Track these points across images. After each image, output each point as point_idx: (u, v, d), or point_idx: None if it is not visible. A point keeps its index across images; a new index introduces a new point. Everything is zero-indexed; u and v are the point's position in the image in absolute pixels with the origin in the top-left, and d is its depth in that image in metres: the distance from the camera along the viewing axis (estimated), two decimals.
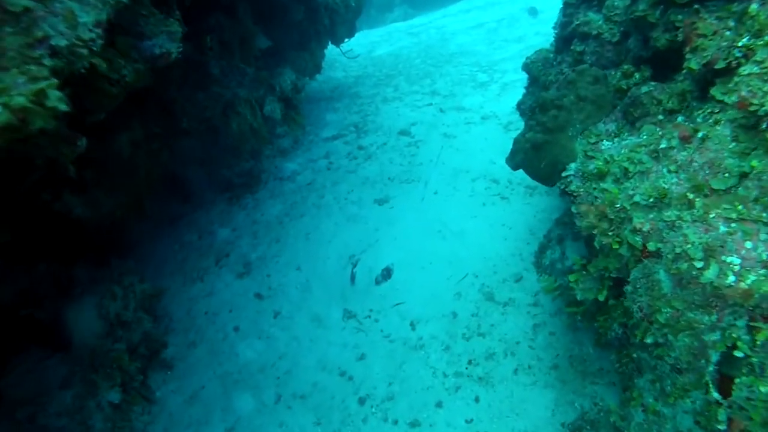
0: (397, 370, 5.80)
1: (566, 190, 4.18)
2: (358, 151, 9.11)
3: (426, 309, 6.32)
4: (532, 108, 5.78)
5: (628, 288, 3.38)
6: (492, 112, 9.16)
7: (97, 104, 3.83)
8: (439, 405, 5.40)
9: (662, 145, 3.49)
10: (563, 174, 4.23)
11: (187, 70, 7.19)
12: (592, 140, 4.24)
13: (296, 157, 9.27)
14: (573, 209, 4.09)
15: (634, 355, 4.24)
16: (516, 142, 4.76)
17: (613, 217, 3.52)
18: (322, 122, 10.07)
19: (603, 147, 4.20)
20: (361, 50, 14.73)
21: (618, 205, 3.52)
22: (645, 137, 3.94)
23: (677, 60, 4.19)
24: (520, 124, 8.64)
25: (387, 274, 6.73)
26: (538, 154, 4.36)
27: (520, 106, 6.10)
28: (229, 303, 6.96)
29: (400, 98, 10.34)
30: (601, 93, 4.30)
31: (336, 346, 6.19)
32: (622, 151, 3.99)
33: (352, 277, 6.80)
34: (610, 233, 3.51)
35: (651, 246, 3.16)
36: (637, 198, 3.40)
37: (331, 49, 11.21)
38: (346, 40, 10.80)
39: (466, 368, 5.64)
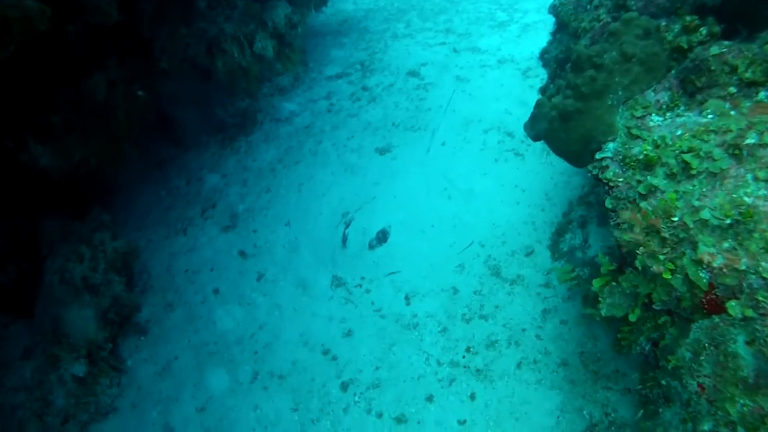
0: (386, 352, 4.87)
1: (600, 176, 3.06)
2: (362, 93, 7.89)
3: (424, 281, 5.32)
4: (559, 60, 4.56)
5: (685, 353, 2.33)
6: (510, 55, 7.82)
7: None
8: (429, 399, 4.50)
9: (749, 140, 2.33)
10: (597, 155, 3.09)
11: (167, 1, 5.97)
12: (638, 113, 3.07)
13: (296, 97, 8.08)
14: (607, 203, 2.98)
15: (663, 382, 3.24)
16: (539, 105, 3.58)
17: (668, 235, 2.41)
18: (326, 58, 8.79)
19: (651, 123, 3.04)
20: None
21: (676, 219, 2.40)
22: (711, 116, 2.77)
23: (759, 11, 2.96)
24: (540, 71, 7.33)
25: (383, 237, 5.70)
26: (566, 126, 3.20)
27: (543, 56, 4.86)
28: (211, 261, 6.01)
29: (412, 35, 8.97)
30: (653, 51, 3.09)
31: (321, 318, 5.25)
32: (680, 134, 2.83)
33: (344, 239, 5.78)
34: (661, 257, 2.41)
35: (734, 310, 2.07)
36: (705, 214, 2.28)
37: None
38: None
39: (464, 357, 4.69)
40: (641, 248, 2.50)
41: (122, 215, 6.83)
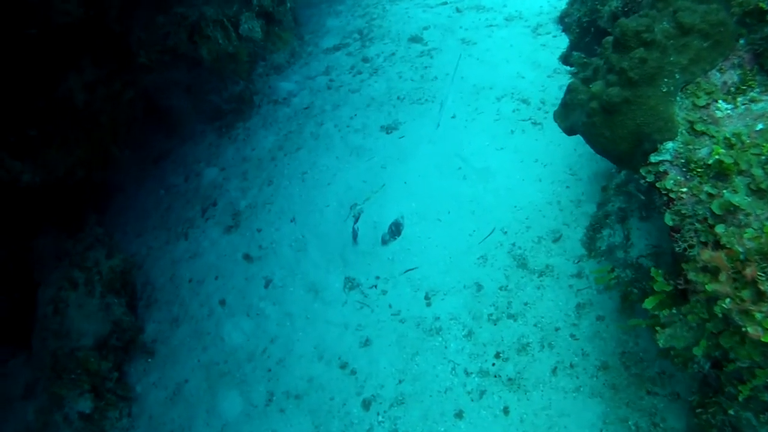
0: (409, 362, 4.30)
1: (657, 185, 2.36)
2: (363, 65, 7.09)
3: (444, 277, 4.70)
4: (583, 24, 3.77)
5: None
6: (517, 11, 6.92)
7: None
8: (459, 415, 3.94)
9: None
10: (653, 158, 2.38)
11: None
12: (701, 101, 2.34)
13: (292, 75, 7.30)
14: (667, 220, 2.30)
15: (731, 411, 2.66)
16: (571, 90, 2.83)
17: (766, 289, 1.74)
18: (322, 29, 7.95)
19: (719, 113, 2.31)
20: None
21: None
22: None
23: None
24: (551, 27, 6.50)
25: (396, 230, 5.06)
26: (611, 120, 2.48)
27: (563, 19, 4.07)
28: (215, 267, 5.42)
29: None
30: (718, 19, 2.33)
31: (336, 326, 4.68)
32: (761, 128, 2.11)
33: (354, 235, 5.15)
34: (758, 315, 1.75)
35: None
36: None
37: None
38: None
39: (494, 364, 4.11)
40: (728, 300, 1.83)
41: (121, 219, 6.26)
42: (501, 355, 4.13)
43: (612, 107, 2.44)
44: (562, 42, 6.17)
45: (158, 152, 6.83)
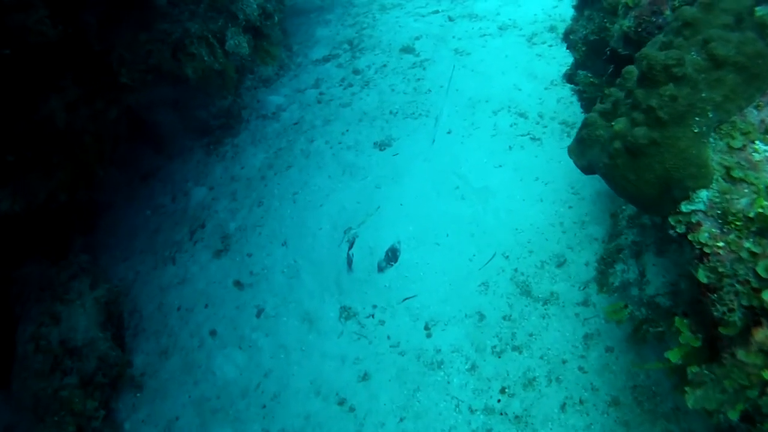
0: (410, 399, 4.04)
1: (689, 237, 2.12)
2: (354, 77, 6.81)
3: (444, 306, 4.45)
4: (590, 43, 3.52)
5: None
6: (511, 20, 6.67)
7: None
8: None
9: None
10: (684, 206, 2.14)
11: (118, 7, 4.88)
12: (737, 142, 2.10)
13: (281, 87, 7.01)
14: (701, 277, 2.07)
15: None
16: (588, 125, 2.57)
17: None
18: (311, 39, 7.65)
19: (756, 156, 2.07)
20: None
21: None
22: None
23: None
24: (547, 36, 6.28)
25: (392, 255, 4.79)
26: (636, 163, 2.22)
27: (568, 36, 3.81)
28: (204, 294, 5.13)
29: (401, 5, 7.74)
30: (756, 50, 2.08)
31: (332, 359, 4.41)
32: None
33: (349, 261, 4.88)
34: None
35: None
36: None
37: None
38: None
39: (499, 401, 3.86)
40: None
41: (108, 240, 5.93)
42: (507, 390, 3.89)
43: (638, 149, 2.19)
44: (558, 52, 5.96)
45: (146, 169, 6.51)
